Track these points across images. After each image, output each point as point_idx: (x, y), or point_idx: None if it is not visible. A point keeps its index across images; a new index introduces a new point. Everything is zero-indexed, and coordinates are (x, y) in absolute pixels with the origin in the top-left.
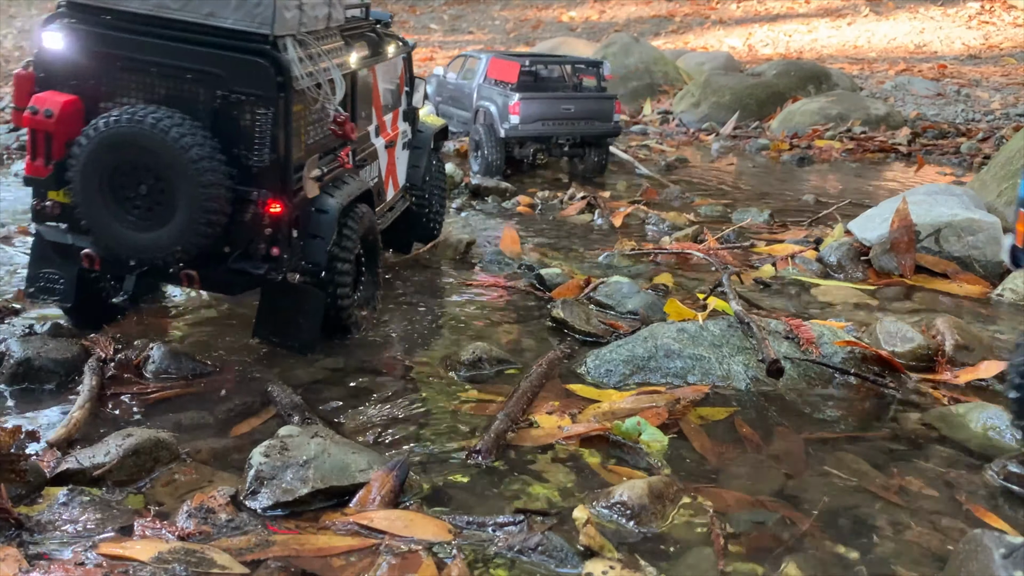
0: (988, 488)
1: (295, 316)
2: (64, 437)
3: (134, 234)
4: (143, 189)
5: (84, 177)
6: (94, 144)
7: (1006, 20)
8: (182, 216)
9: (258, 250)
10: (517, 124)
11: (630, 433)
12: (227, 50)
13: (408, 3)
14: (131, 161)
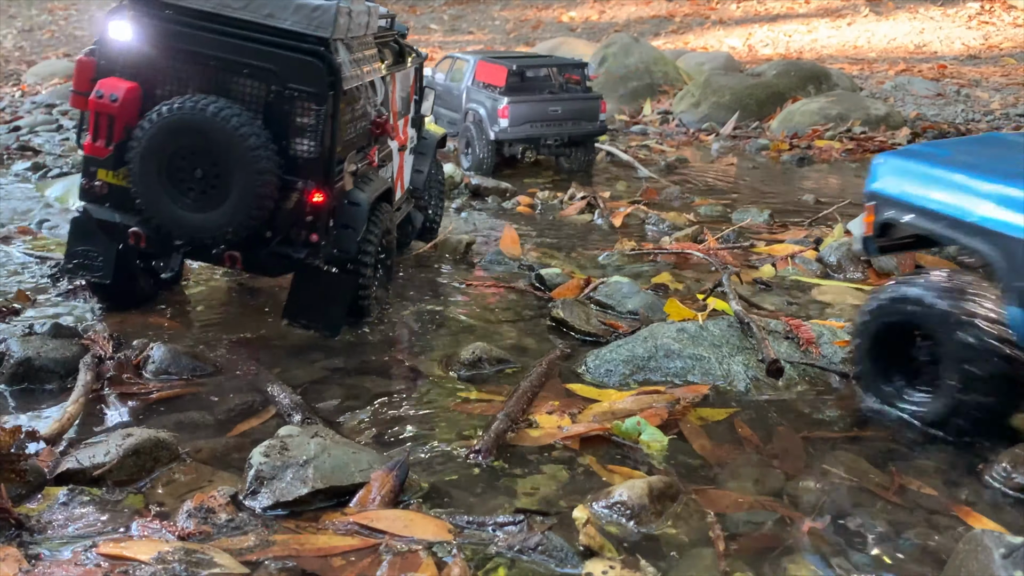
0: (988, 488)
1: (324, 301)
2: (58, 431)
3: (188, 215)
4: (199, 173)
5: (144, 159)
6: (156, 128)
7: (1006, 20)
8: (235, 200)
9: (299, 236)
10: (507, 127)
11: (630, 433)
12: (284, 49)
13: (408, 3)
14: (190, 146)
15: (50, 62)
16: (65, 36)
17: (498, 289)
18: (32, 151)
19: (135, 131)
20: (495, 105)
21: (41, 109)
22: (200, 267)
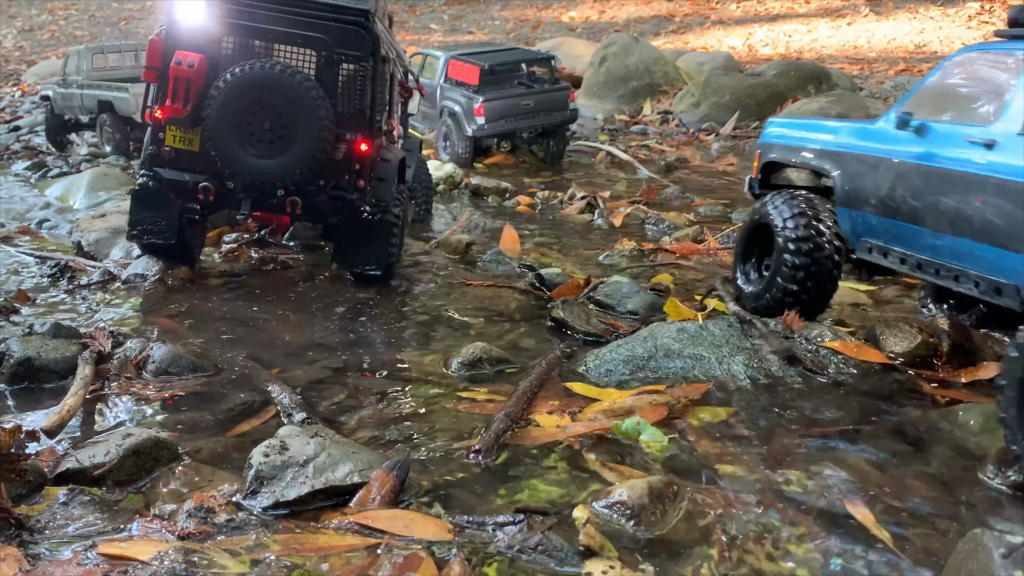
0: (987, 488)
1: (372, 244)
2: (57, 424)
3: (259, 162)
4: (267, 125)
5: (220, 114)
6: (232, 86)
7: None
8: (300, 146)
9: (349, 182)
10: (484, 124)
11: (630, 433)
12: (333, 21)
13: (408, 3)
14: (260, 101)
15: (50, 62)
16: (65, 36)
17: (498, 289)
18: (32, 151)
19: (210, 91)
20: (471, 104)
21: (41, 109)
22: (199, 267)
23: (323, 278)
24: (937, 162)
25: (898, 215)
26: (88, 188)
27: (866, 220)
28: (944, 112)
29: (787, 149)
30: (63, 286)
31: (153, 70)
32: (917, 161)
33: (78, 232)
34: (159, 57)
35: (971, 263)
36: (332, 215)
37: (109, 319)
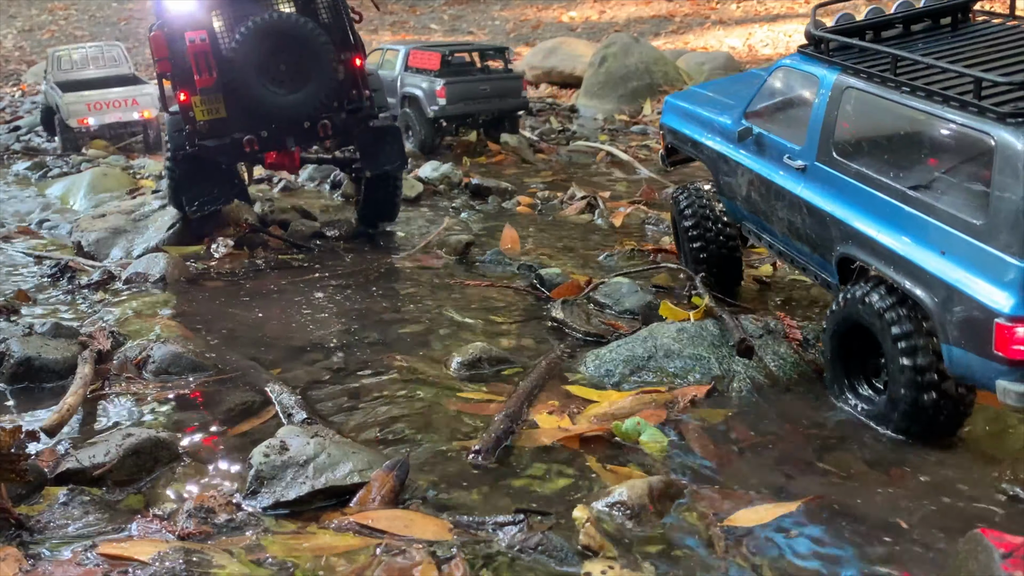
0: (989, 488)
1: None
2: (57, 423)
3: (285, 98)
4: (282, 67)
5: (242, 69)
6: (244, 41)
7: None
8: (315, 78)
9: (357, 95)
10: (444, 105)
11: (630, 433)
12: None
13: (408, 3)
14: (270, 47)
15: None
16: (65, 36)
17: (498, 289)
18: (33, 151)
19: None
20: (432, 87)
21: (41, 109)
22: (200, 266)
23: (323, 278)
24: (772, 178)
25: (757, 212)
26: (88, 188)
27: (738, 209)
28: (773, 124)
29: (677, 136)
30: (63, 286)
31: (164, 60)
32: (760, 173)
33: (78, 232)
34: (166, 47)
35: (803, 257)
36: (355, 128)
37: (109, 319)
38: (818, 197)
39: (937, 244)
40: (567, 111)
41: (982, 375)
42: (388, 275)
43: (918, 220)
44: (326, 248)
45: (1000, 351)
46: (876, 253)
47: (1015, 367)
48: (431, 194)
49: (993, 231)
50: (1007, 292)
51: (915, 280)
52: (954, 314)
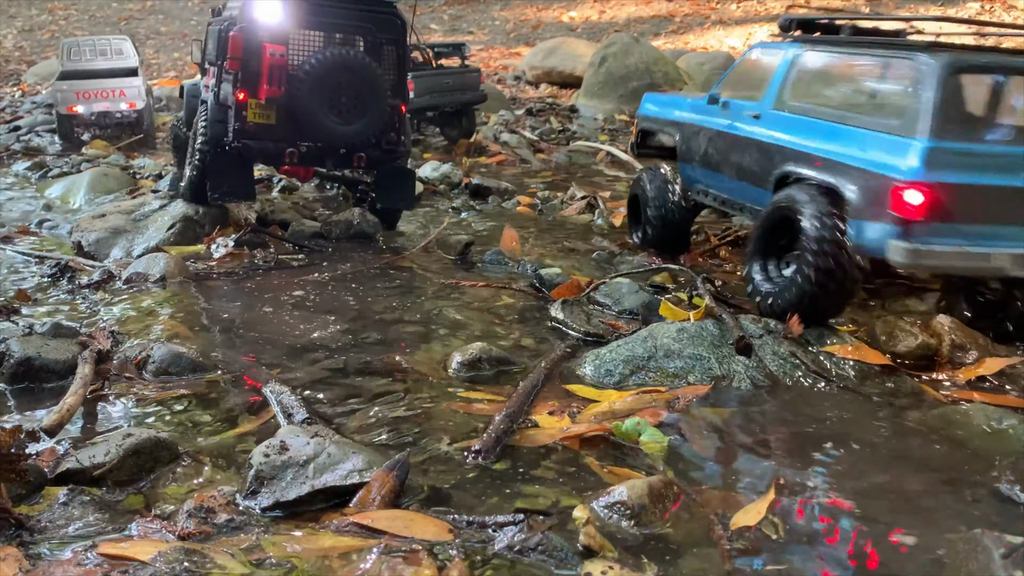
0: (989, 488)
1: (403, 187)
2: (57, 423)
3: (340, 127)
4: (344, 99)
5: (311, 91)
6: (319, 68)
7: (1006, 20)
8: (370, 114)
9: (394, 139)
10: (413, 98)
11: (630, 434)
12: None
13: (408, 3)
14: (340, 79)
15: (50, 62)
16: (65, 36)
17: (498, 289)
18: (33, 151)
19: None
20: None
21: (41, 109)
22: (205, 267)
23: (323, 278)
24: (731, 129)
25: (711, 166)
26: (88, 188)
27: (695, 171)
28: (738, 92)
29: (652, 120)
30: (63, 286)
31: (236, 60)
32: (720, 129)
33: (78, 232)
34: (241, 49)
35: (744, 197)
36: (383, 164)
37: (109, 319)
38: (768, 134)
39: (859, 144)
40: (567, 111)
41: (879, 240)
42: (388, 275)
43: (847, 131)
44: (326, 248)
45: (894, 210)
46: (810, 163)
47: (904, 226)
48: (431, 194)
49: (902, 124)
50: (903, 163)
51: (838, 174)
52: (864, 191)
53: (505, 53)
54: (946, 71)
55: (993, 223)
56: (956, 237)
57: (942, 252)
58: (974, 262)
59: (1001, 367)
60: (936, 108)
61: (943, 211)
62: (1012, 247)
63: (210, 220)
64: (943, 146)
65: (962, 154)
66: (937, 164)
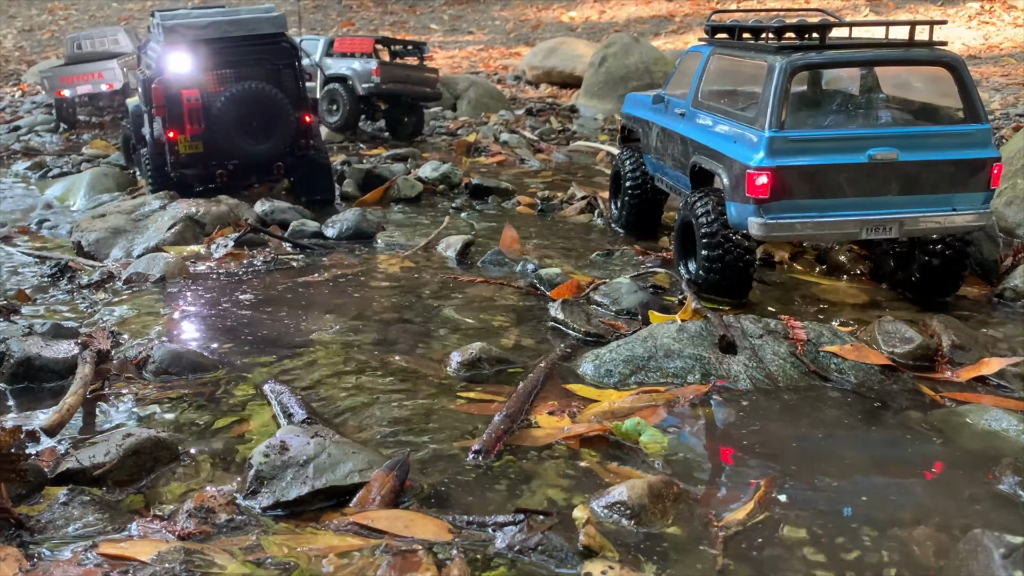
0: (989, 489)
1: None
2: (57, 423)
3: (254, 147)
4: (254, 123)
5: (224, 122)
6: (229, 103)
7: (1006, 20)
8: (278, 131)
9: (304, 144)
10: (379, 82)
11: (630, 434)
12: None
13: (408, 3)
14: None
15: (50, 62)
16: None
17: (498, 289)
18: (33, 151)
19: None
20: (367, 67)
21: (41, 109)
22: (205, 267)
23: (323, 278)
24: (669, 125)
25: (660, 157)
26: (88, 188)
27: (651, 161)
28: (675, 92)
29: (628, 118)
30: (63, 286)
31: (161, 107)
32: (663, 125)
33: (78, 232)
34: (163, 97)
35: (680, 183)
36: (300, 168)
37: (109, 319)
38: (688, 130)
39: (731, 137)
40: (567, 111)
41: (743, 217)
42: (388, 275)
43: (727, 125)
44: (326, 248)
45: (749, 192)
46: (706, 154)
47: (757, 205)
48: (431, 194)
49: (755, 118)
50: (754, 153)
51: (718, 162)
52: (732, 178)
53: (505, 53)
54: (786, 71)
55: (842, 195)
56: (806, 211)
57: (794, 223)
58: (827, 230)
59: (1001, 367)
60: (776, 103)
61: (788, 190)
62: (861, 214)
63: (210, 220)
64: (784, 135)
65: (802, 140)
66: (778, 151)
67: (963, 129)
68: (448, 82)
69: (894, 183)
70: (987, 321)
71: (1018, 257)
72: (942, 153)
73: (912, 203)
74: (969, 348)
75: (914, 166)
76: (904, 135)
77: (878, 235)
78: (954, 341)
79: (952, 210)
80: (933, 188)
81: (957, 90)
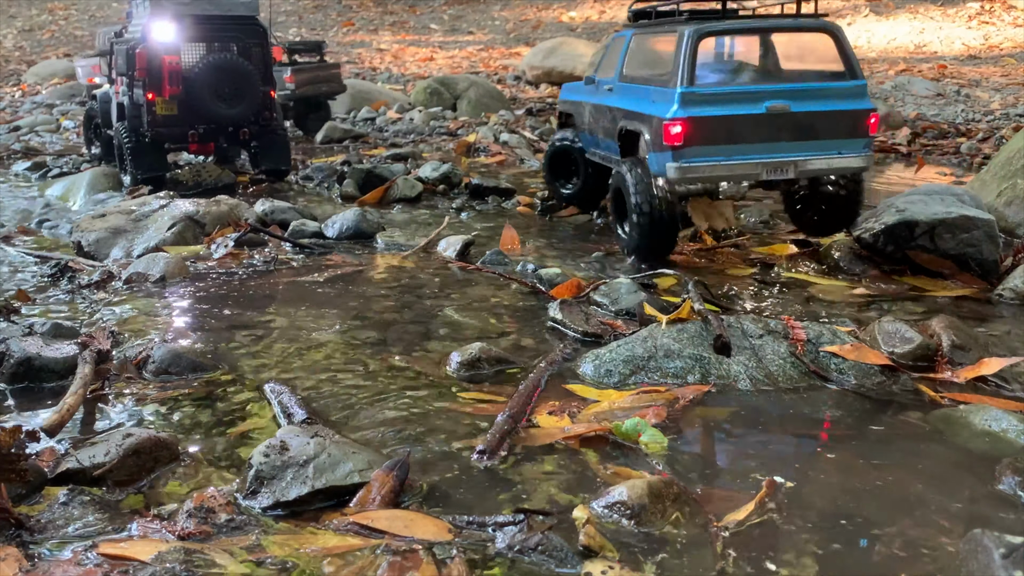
0: (989, 489)
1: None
2: (57, 423)
3: (226, 111)
4: (226, 89)
5: (199, 85)
6: (205, 69)
7: (1006, 20)
8: (247, 99)
9: (268, 115)
10: (295, 89)
11: (630, 434)
12: (242, 24)
13: (408, 3)
14: (221, 76)
15: (50, 62)
16: (65, 36)
17: (498, 289)
18: (33, 151)
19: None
20: (281, 74)
21: (41, 109)
22: (205, 267)
23: (323, 278)
24: (599, 101)
25: (592, 132)
26: (88, 188)
27: (586, 137)
28: (603, 72)
29: (564, 103)
30: (63, 286)
31: (143, 69)
32: (594, 102)
33: (78, 232)
34: (146, 61)
35: (610, 151)
36: (263, 136)
37: (109, 319)
38: (615, 101)
39: (651, 98)
40: None
41: (662, 164)
42: (388, 275)
43: (647, 90)
44: (326, 248)
45: (665, 141)
46: (631, 118)
47: (673, 151)
48: (431, 194)
49: (669, 78)
50: (669, 106)
51: (641, 122)
52: (652, 132)
53: (505, 53)
54: (693, 36)
55: (744, 142)
56: (715, 155)
57: (704, 166)
58: (733, 171)
59: (1001, 367)
60: (687, 63)
61: (699, 137)
62: (762, 158)
63: (210, 220)
64: (693, 91)
65: (709, 95)
66: (689, 104)
67: (843, 85)
68: (448, 82)
69: (788, 131)
70: (987, 321)
71: (1018, 257)
72: (827, 104)
73: (804, 148)
74: (969, 348)
75: (805, 116)
76: (795, 89)
77: (776, 176)
78: (954, 341)
79: (838, 153)
80: (821, 134)
81: (838, 53)
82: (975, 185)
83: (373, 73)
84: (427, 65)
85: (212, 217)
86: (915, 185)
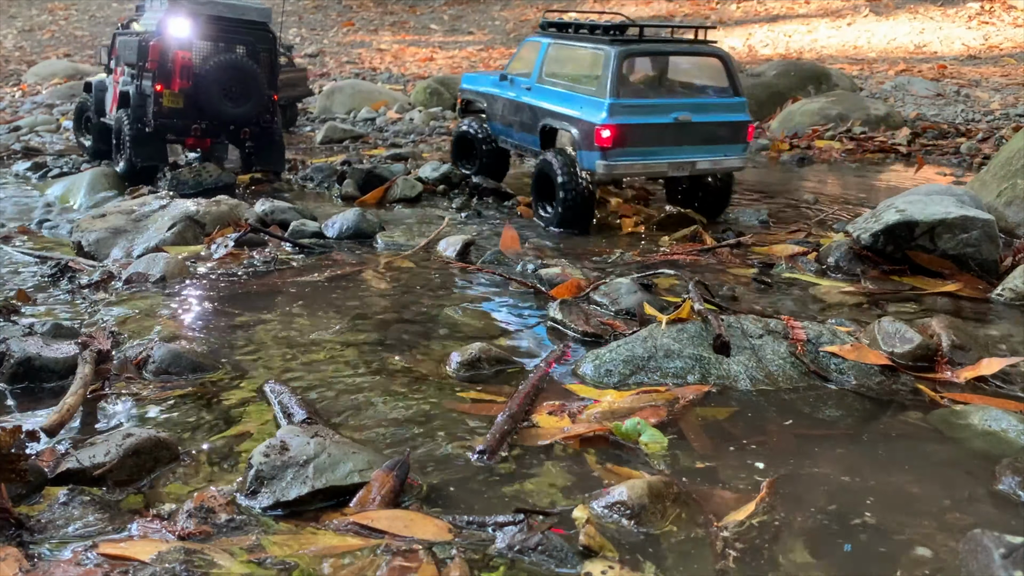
0: (988, 488)
1: (276, 153)
2: (57, 423)
3: (230, 110)
4: (233, 88)
5: (208, 81)
6: (215, 67)
7: (1006, 20)
8: (253, 100)
9: (269, 118)
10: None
11: (630, 434)
12: (253, 28)
13: (408, 3)
14: (230, 75)
15: (50, 62)
16: (65, 36)
17: (497, 289)
18: (33, 151)
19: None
20: None
21: (41, 109)
22: (205, 268)
23: (323, 278)
24: (515, 97)
25: (506, 124)
26: (88, 188)
27: (497, 126)
28: (518, 71)
29: (468, 92)
30: (63, 286)
31: (155, 61)
32: (509, 97)
33: (78, 232)
34: (159, 54)
35: (525, 143)
36: (262, 138)
37: (109, 319)
38: (535, 101)
39: (579, 105)
40: None
41: (592, 162)
42: (388, 275)
43: (574, 96)
44: (326, 248)
45: (597, 144)
46: (557, 117)
47: (602, 151)
48: (431, 194)
49: (597, 90)
50: (599, 113)
51: (571, 124)
52: (583, 134)
53: (505, 53)
54: (619, 56)
55: (656, 145)
56: (634, 156)
57: (625, 165)
58: (646, 169)
59: (1001, 367)
60: (613, 79)
61: (623, 140)
62: (669, 158)
63: (210, 220)
64: (619, 102)
65: (630, 106)
66: (616, 112)
67: (730, 101)
68: (448, 82)
69: (689, 137)
70: (987, 321)
71: (1018, 257)
72: (718, 116)
73: (700, 151)
74: (969, 348)
75: (702, 125)
76: (695, 103)
77: (679, 173)
78: (954, 341)
79: (724, 156)
80: (713, 140)
81: (725, 74)
82: (975, 185)
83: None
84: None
85: (212, 217)
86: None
